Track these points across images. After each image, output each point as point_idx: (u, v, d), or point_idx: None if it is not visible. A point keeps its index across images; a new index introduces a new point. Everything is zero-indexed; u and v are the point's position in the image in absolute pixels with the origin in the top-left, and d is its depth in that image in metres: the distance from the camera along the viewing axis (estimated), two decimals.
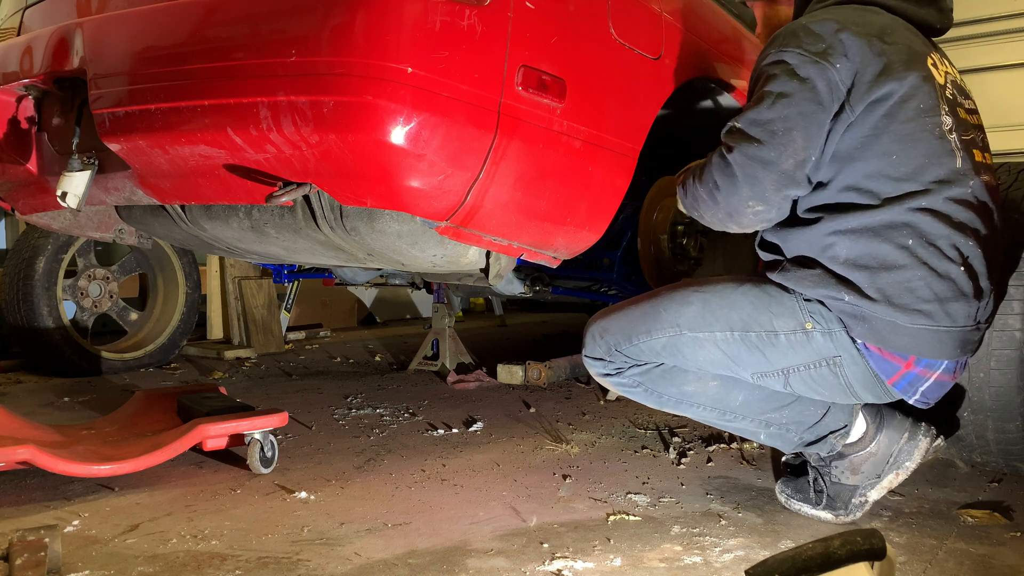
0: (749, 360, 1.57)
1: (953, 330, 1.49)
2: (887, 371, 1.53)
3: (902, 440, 1.65)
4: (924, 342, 1.48)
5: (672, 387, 1.65)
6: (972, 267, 1.49)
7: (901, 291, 1.46)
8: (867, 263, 1.48)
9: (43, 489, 1.82)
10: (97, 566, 1.41)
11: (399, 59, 1.42)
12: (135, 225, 2.24)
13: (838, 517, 1.65)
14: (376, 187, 1.54)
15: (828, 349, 1.53)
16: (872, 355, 1.52)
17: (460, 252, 1.78)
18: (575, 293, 2.74)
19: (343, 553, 1.47)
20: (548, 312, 6.11)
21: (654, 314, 1.61)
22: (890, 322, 1.47)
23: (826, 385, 1.58)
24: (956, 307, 1.48)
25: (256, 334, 4.05)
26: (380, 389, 3.10)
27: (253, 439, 1.93)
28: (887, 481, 1.64)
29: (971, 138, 1.56)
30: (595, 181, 1.82)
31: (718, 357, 1.59)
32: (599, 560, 1.44)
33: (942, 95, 1.53)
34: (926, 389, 1.55)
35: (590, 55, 1.74)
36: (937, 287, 1.46)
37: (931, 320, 1.47)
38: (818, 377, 1.56)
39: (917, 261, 1.46)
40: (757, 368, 1.58)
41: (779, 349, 1.55)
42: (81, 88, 1.82)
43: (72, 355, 3.28)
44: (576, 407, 2.75)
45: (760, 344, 1.55)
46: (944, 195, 1.48)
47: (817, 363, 1.55)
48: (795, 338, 1.53)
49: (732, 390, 1.64)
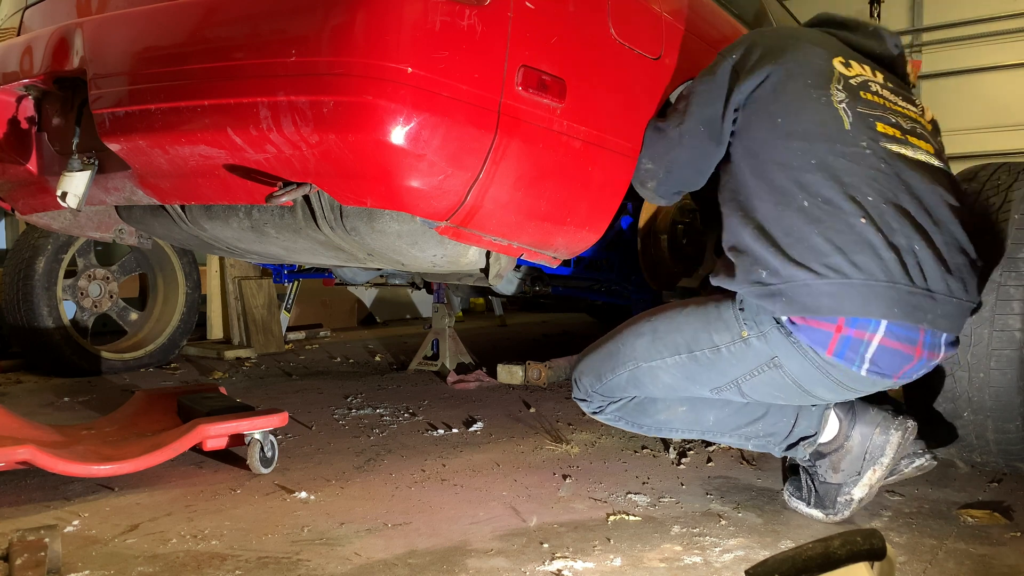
0: (702, 378, 1.65)
1: (873, 284, 1.47)
2: (821, 341, 1.51)
3: (874, 435, 1.65)
4: (844, 299, 1.47)
5: (647, 417, 1.76)
6: (876, 221, 1.49)
7: (805, 251, 1.50)
8: (772, 231, 1.54)
9: (43, 489, 1.82)
10: (97, 566, 1.41)
11: (399, 59, 1.42)
12: (135, 225, 2.24)
13: (828, 516, 1.67)
14: (376, 187, 1.54)
15: (765, 351, 1.57)
16: (802, 329, 1.51)
17: (460, 252, 1.78)
18: (575, 293, 2.74)
19: (343, 553, 1.47)
20: (548, 312, 6.11)
21: (615, 351, 1.72)
22: (804, 285, 1.49)
23: (777, 387, 1.61)
24: (865, 260, 1.47)
25: (256, 334, 4.05)
26: (380, 389, 3.10)
27: (253, 439, 1.93)
28: (867, 478, 1.65)
29: (878, 114, 1.63)
30: (595, 181, 1.82)
31: (675, 380, 1.67)
32: (599, 560, 1.44)
33: (840, 79, 1.64)
34: (874, 356, 1.50)
35: (590, 55, 1.74)
36: (839, 240, 1.48)
37: (841, 274, 1.47)
38: (768, 381, 1.60)
39: (815, 219, 1.51)
40: (711, 384, 1.65)
41: (724, 362, 1.61)
42: (81, 88, 1.82)
43: (72, 355, 3.28)
44: (576, 407, 2.75)
45: (707, 361, 1.62)
46: (834, 153, 1.55)
47: (760, 368, 1.59)
48: (735, 348, 1.59)
49: (702, 412, 1.73)
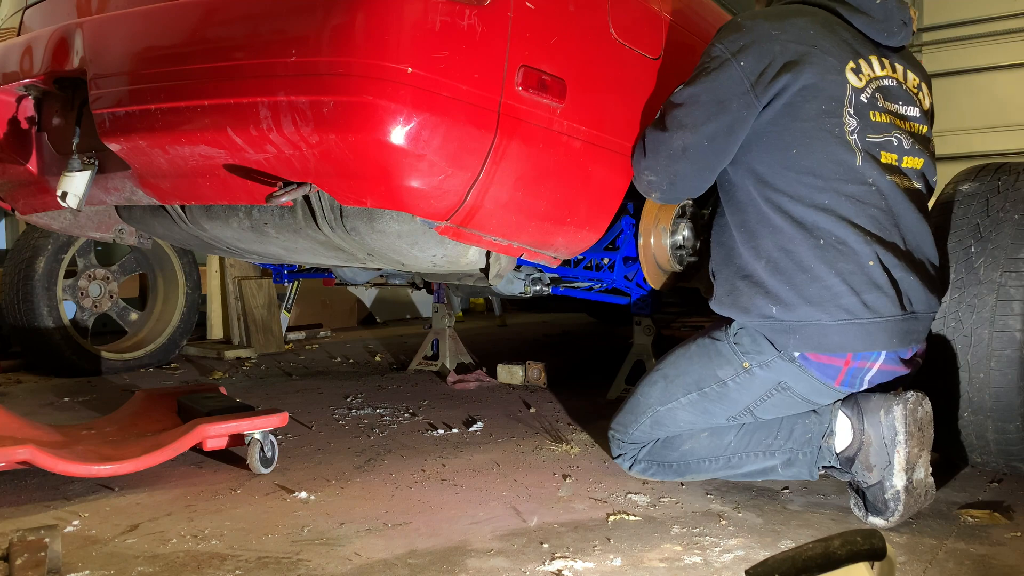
0: (715, 410, 1.76)
1: (880, 321, 1.61)
2: (830, 375, 1.66)
3: (881, 417, 1.65)
4: (853, 336, 1.61)
5: (673, 452, 1.83)
6: (883, 260, 1.62)
7: (821, 291, 1.61)
8: (786, 267, 1.63)
9: (43, 489, 1.82)
10: (97, 566, 1.41)
11: (399, 59, 1.43)
12: (135, 225, 2.24)
13: (887, 520, 1.63)
14: (376, 187, 1.54)
15: (771, 378, 1.70)
16: (812, 364, 1.65)
17: (460, 252, 1.78)
18: (575, 293, 2.74)
19: (343, 553, 1.47)
20: (548, 312, 6.11)
21: (634, 403, 1.85)
22: (817, 325, 1.62)
23: (787, 405, 1.73)
24: (874, 299, 1.61)
25: (256, 334, 4.04)
26: (380, 389, 3.10)
27: (253, 439, 1.93)
28: (897, 464, 1.61)
29: (883, 140, 1.68)
30: (595, 181, 1.82)
31: (692, 417, 1.79)
32: (599, 560, 1.44)
33: (851, 99, 1.66)
34: (872, 378, 1.68)
35: (590, 55, 1.74)
36: (852, 281, 1.61)
37: (852, 315, 1.61)
38: (778, 402, 1.73)
39: (830, 260, 1.61)
40: (725, 414, 1.76)
41: (733, 393, 1.73)
42: (81, 88, 1.82)
43: (72, 355, 3.28)
44: (576, 408, 2.75)
45: (716, 395, 1.75)
46: (845, 193, 1.62)
47: (769, 393, 1.72)
48: (740, 380, 1.72)
49: (722, 434, 1.80)
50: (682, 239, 2.41)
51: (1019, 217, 1.85)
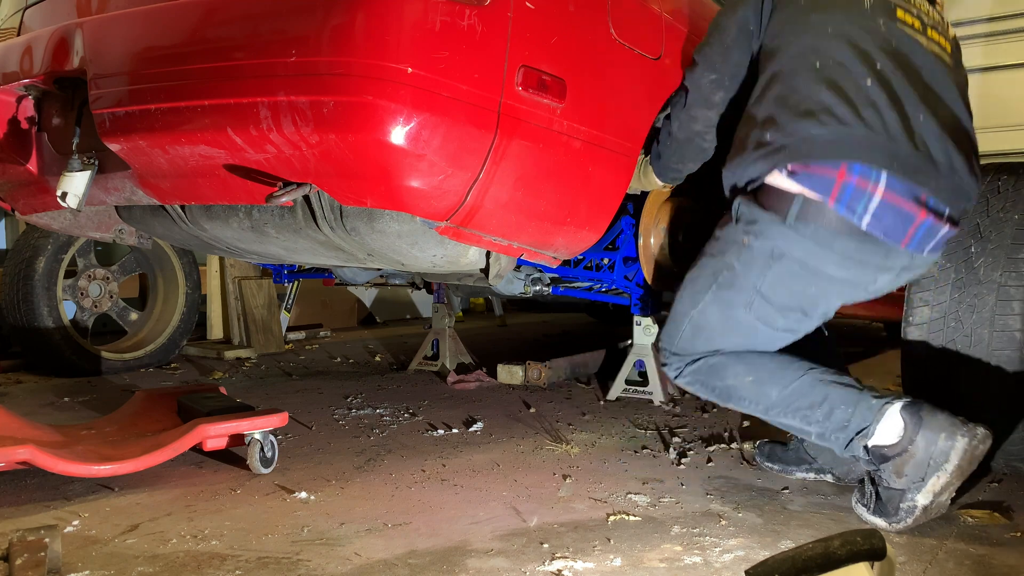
0: (733, 299, 1.71)
1: (873, 136, 1.57)
2: (824, 187, 1.56)
3: (940, 440, 1.56)
4: (846, 145, 1.56)
5: (718, 380, 1.76)
6: (885, 86, 1.60)
7: (813, 104, 1.59)
8: (781, 92, 1.64)
9: (43, 489, 1.82)
10: (97, 566, 1.41)
11: (399, 59, 1.43)
12: (135, 225, 2.24)
13: (890, 524, 1.60)
14: (376, 187, 1.54)
15: (765, 247, 1.64)
16: (804, 178, 1.58)
17: (460, 252, 1.78)
18: (575, 293, 2.74)
19: (343, 553, 1.47)
20: (548, 312, 6.11)
21: (673, 315, 1.81)
22: (806, 136, 1.58)
23: (793, 280, 1.66)
24: (871, 114, 1.57)
25: (256, 334, 4.04)
26: (380, 389, 3.10)
27: (253, 439, 1.93)
28: (931, 484, 1.57)
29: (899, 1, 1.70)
30: (595, 181, 1.82)
31: (720, 313, 1.73)
32: (599, 560, 1.44)
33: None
34: (877, 210, 1.56)
35: (590, 55, 1.74)
36: (849, 95, 1.58)
37: (844, 124, 1.57)
38: (780, 276, 1.66)
39: (825, 77, 1.60)
40: (741, 302, 1.70)
41: (740, 275, 1.69)
42: (81, 88, 1.82)
43: (72, 355, 3.28)
44: (576, 407, 2.75)
45: (728, 281, 1.71)
46: (850, 22, 1.63)
47: (767, 264, 1.65)
48: (743, 257, 1.68)
49: (766, 385, 1.71)
50: (682, 239, 2.42)
51: (1019, 217, 1.85)
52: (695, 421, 2.55)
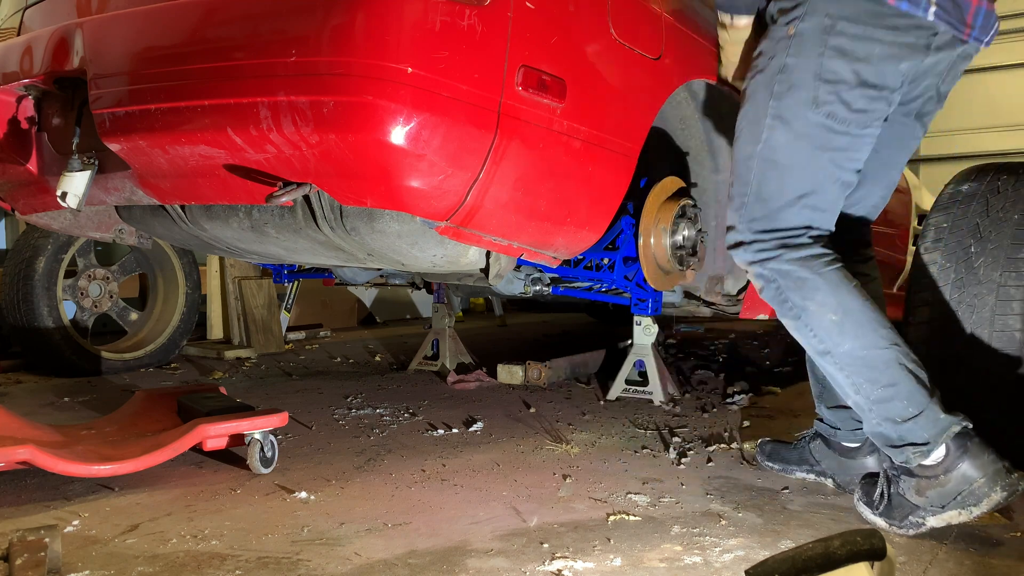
0: (792, 103, 1.61)
1: None
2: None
3: (976, 483, 1.50)
4: None
5: (799, 298, 1.64)
6: None
7: None
8: None
9: (43, 489, 1.82)
10: (97, 566, 1.41)
11: (399, 59, 1.43)
12: (135, 225, 2.24)
13: (891, 526, 1.58)
14: (376, 187, 1.55)
15: (815, 25, 1.58)
16: None
17: (460, 252, 1.78)
18: (575, 293, 2.74)
19: (343, 553, 1.47)
20: (548, 312, 6.10)
21: (736, 175, 1.70)
22: None
23: (860, 45, 1.57)
24: None
25: (256, 334, 4.05)
26: (380, 389, 3.10)
27: (253, 439, 1.93)
28: (949, 515, 1.52)
29: None
30: (595, 181, 1.83)
31: (785, 133, 1.63)
32: (599, 560, 1.44)
33: None
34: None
35: (590, 55, 1.74)
36: None
37: None
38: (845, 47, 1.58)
39: None
40: (804, 101, 1.60)
41: (793, 73, 1.61)
42: (81, 88, 1.82)
43: (72, 355, 3.28)
44: (576, 407, 2.75)
45: (785, 87, 1.62)
46: None
47: (822, 41, 1.58)
48: (794, 48, 1.60)
49: (843, 335, 1.60)
50: (682, 239, 2.41)
51: (1019, 217, 1.85)
52: (695, 421, 2.55)
